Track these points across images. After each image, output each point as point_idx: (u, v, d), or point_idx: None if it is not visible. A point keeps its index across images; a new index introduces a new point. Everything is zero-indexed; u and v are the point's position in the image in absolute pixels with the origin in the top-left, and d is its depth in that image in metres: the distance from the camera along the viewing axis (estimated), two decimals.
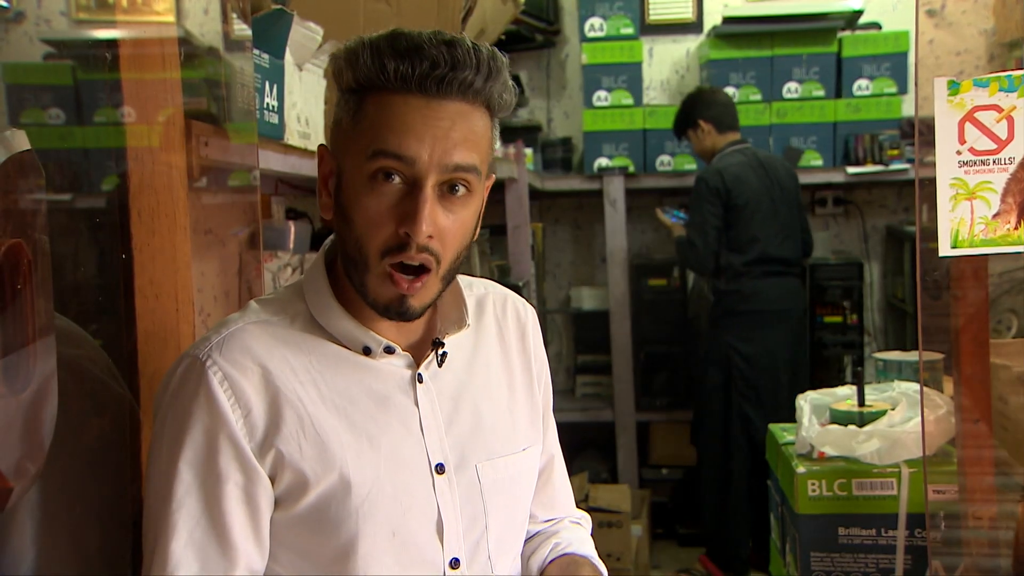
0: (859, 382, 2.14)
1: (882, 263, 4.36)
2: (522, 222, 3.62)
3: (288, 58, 1.64)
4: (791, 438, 2.14)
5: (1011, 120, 1.41)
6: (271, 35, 1.60)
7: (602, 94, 4.04)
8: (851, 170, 3.88)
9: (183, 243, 1.32)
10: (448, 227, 0.99)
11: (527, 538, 1.24)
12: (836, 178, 3.96)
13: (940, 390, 2.05)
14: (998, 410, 1.64)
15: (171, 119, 1.31)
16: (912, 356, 2.42)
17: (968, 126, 1.42)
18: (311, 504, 1.01)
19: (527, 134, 4.04)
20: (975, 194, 1.42)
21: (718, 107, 3.59)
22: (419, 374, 1.07)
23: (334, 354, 1.05)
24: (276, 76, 1.60)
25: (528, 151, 3.83)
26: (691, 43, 4.33)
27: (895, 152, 3.83)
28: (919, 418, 1.79)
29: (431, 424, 1.07)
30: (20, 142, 0.95)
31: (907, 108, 3.96)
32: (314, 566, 1.03)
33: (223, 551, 0.98)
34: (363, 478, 1.01)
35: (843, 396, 2.21)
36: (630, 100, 4.04)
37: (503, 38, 2.73)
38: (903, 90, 3.94)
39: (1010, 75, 1.40)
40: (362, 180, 0.98)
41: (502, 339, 1.18)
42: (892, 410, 2.07)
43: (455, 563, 1.07)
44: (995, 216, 1.42)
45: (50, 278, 0.99)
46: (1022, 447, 1.68)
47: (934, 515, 1.69)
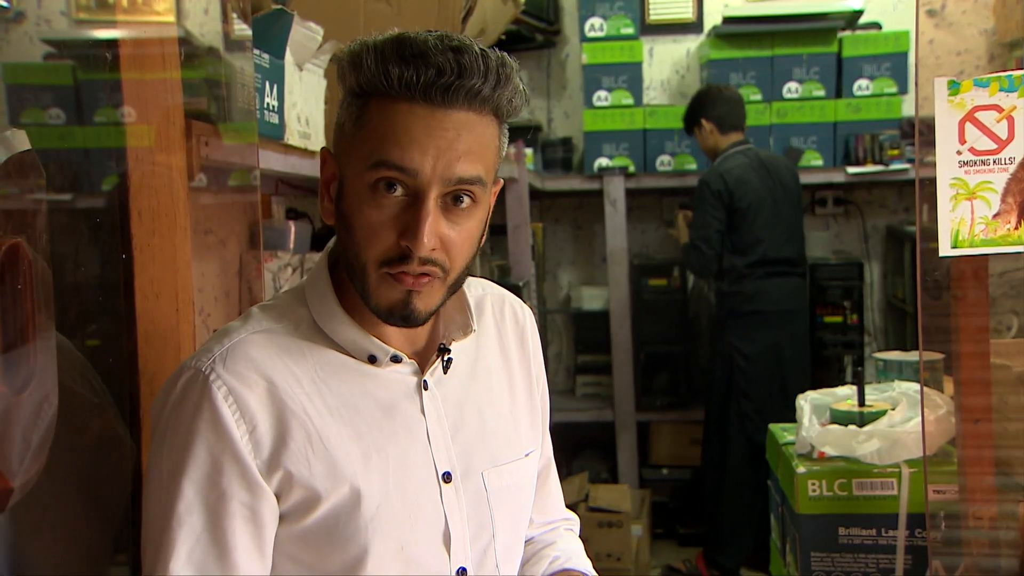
0: (859, 382, 2.14)
1: (882, 263, 4.36)
2: (522, 222, 3.62)
3: (288, 58, 1.64)
4: (791, 438, 2.14)
5: (1011, 120, 1.41)
6: (271, 35, 1.60)
7: (602, 94, 4.04)
8: (851, 170, 3.88)
9: (183, 243, 1.32)
10: (453, 239, 0.96)
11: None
12: (836, 178, 3.96)
13: (940, 390, 2.05)
14: (998, 410, 1.64)
15: (171, 119, 1.31)
16: (912, 356, 2.42)
17: (968, 126, 1.42)
18: (319, 519, 0.98)
19: (527, 134, 4.04)
20: (975, 194, 1.42)
21: (722, 107, 3.59)
22: (424, 381, 1.05)
23: (338, 362, 1.02)
24: (276, 76, 1.60)
25: (528, 151, 3.83)
26: (691, 43, 4.33)
27: (895, 152, 3.83)
28: (919, 418, 1.79)
29: (437, 432, 1.05)
30: (20, 142, 0.95)
31: (907, 108, 3.95)
32: None
33: (223, 568, 0.95)
34: (372, 490, 0.99)
35: (843, 396, 2.21)
36: (630, 100, 4.04)
37: (503, 38, 2.73)
38: (903, 90, 3.94)
39: (1010, 75, 1.40)
40: (363, 188, 0.95)
41: (501, 342, 1.16)
42: (892, 410, 2.07)
43: (462, 572, 1.05)
44: (995, 216, 1.42)
45: (50, 278, 0.99)
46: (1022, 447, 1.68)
47: (934, 515, 1.69)
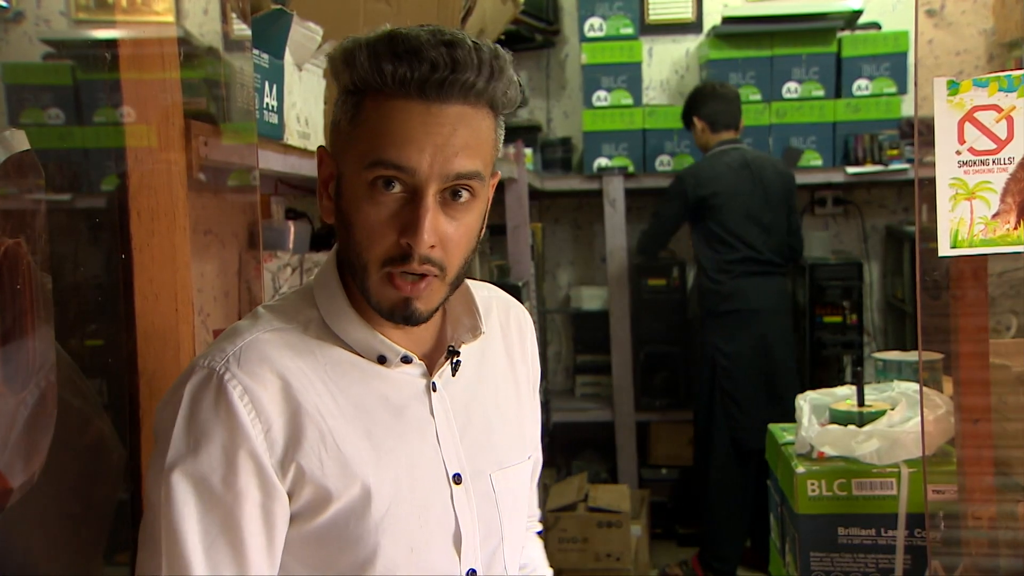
0: (859, 382, 2.14)
1: (882, 263, 4.36)
2: (522, 222, 3.62)
3: (288, 58, 1.64)
4: (791, 438, 2.14)
5: (1010, 120, 1.41)
6: (271, 35, 1.60)
7: (602, 94, 4.04)
8: (851, 170, 3.88)
9: (183, 243, 1.32)
10: (451, 234, 0.96)
11: None
12: (836, 178, 3.96)
13: (940, 390, 2.05)
14: (997, 410, 1.64)
15: (171, 119, 1.31)
16: (912, 356, 2.42)
17: (968, 126, 1.42)
18: (330, 519, 0.98)
19: (527, 134, 4.04)
20: (975, 194, 1.42)
21: (714, 106, 3.60)
22: (433, 383, 1.05)
23: (348, 362, 1.01)
24: (276, 76, 1.60)
25: (528, 151, 3.83)
26: (691, 43, 4.33)
27: (895, 152, 3.83)
28: (919, 418, 1.79)
29: (447, 434, 1.05)
30: (19, 142, 0.95)
31: (907, 108, 3.95)
32: None
33: (237, 569, 0.95)
34: (383, 491, 0.99)
35: (843, 396, 2.21)
36: (630, 100, 4.04)
37: (503, 38, 2.73)
38: (903, 90, 3.94)
39: (1009, 75, 1.41)
40: (361, 187, 0.95)
41: (507, 346, 1.17)
42: (892, 410, 2.07)
43: (472, 574, 1.05)
44: (995, 216, 1.42)
45: (49, 278, 0.99)
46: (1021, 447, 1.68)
47: (934, 515, 1.69)
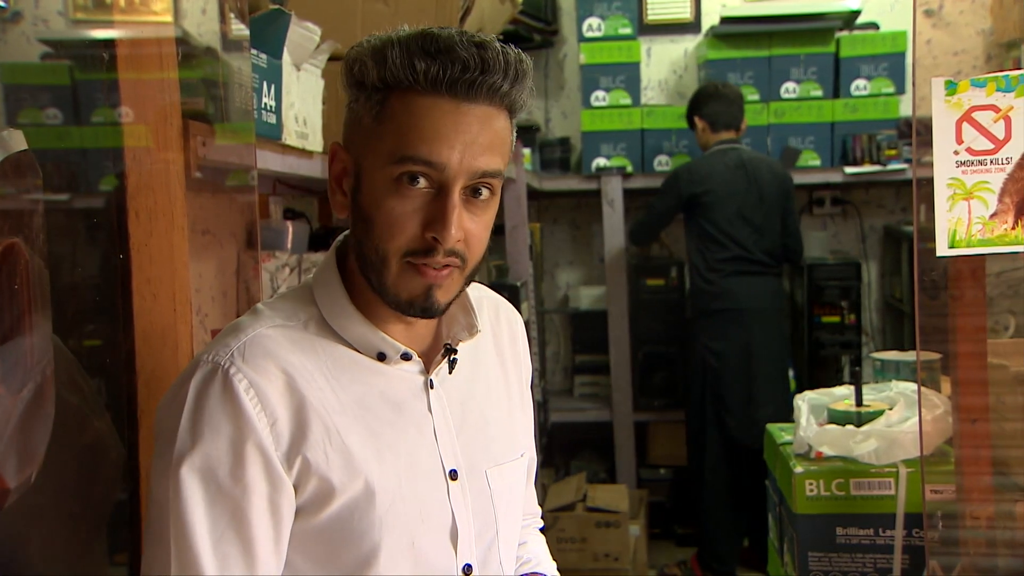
0: (857, 382, 2.14)
1: (880, 263, 4.36)
2: (520, 222, 3.62)
3: (286, 58, 1.64)
4: (789, 438, 2.14)
5: (1008, 120, 1.41)
6: (269, 35, 1.59)
7: (600, 94, 4.04)
8: (849, 170, 3.88)
9: (181, 243, 1.32)
10: (473, 230, 0.98)
11: None
12: (834, 178, 3.96)
13: (938, 390, 2.05)
14: (995, 410, 1.64)
15: (168, 119, 1.31)
16: (910, 356, 2.42)
17: (965, 126, 1.42)
18: (334, 513, 0.99)
19: (525, 134, 4.04)
20: (972, 194, 1.42)
21: (715, 106, 3.60)
22: (431, 380, 1.06)
23: (348, 359, 1.03)
24: (274, 76, 1.60)
25: (526, 151, 3.83)
26: (689, 43, 4.33)
27: (893, 152, 3.83)
28: (917, 418, 1.79)
29: (444, 430, 1.06)
30: (17, 142, 0.95)
31: (905, 108, 3.96)
32: (331, 574, 1.01)
33: (246, 563, 0.95)
34: (386, 486, 1.00)
35: (841, 396, 2.21)
36: (628, 100, 4.04)
37: (501, 38, 2.73)
38: (901, 90, 3.94)
39: (1007, 75, 1.41)
40: (386, 182, 0.96)
41: (497, 345, 1.18)
42: (890, 410, 2.08)
43: (468, 569, 1.06)
44: (992, 216, 1.42)
45: (47, 278, 0.99)
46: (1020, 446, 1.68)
47: (931, 515, 1.69)
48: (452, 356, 1.08)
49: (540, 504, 1.36)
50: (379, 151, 0.97)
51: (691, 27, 4.30)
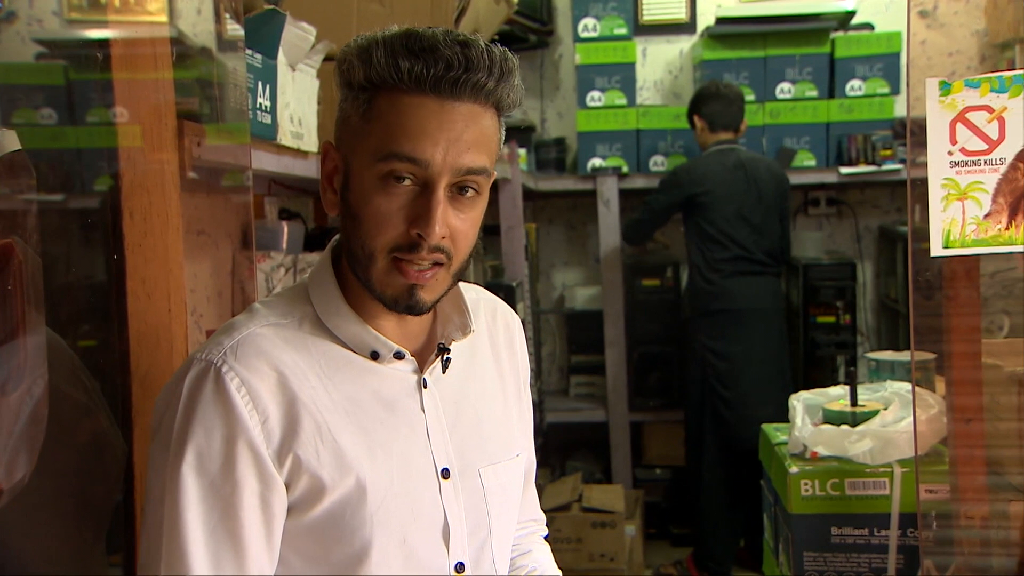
0: (852, 382, 2.14)
1: (875, 263, 4.37)
2: (516, 222, 3.62)
3: (281, 58, 1.64)
4: (784, 438, 2.14)
5: (1002, 121, 1.41)
6: (264, 35, 1.59)
7: (596, 94, 4.04)
8: (844, 170, 3.89)
9: (175, 243, 1.32)
10: (459, 227, 0.99)
11: None
12: (829, 178, 3.96)
13: (932, 390, 2.06)
14: (990, 410, 1.65)
15: (163, 119, 1.30)
16: (905, 356, 2.43)
17: (960, 126, 1.42)
18: (326, 511, 0.99)
19: (521, 134, 4.04)
20: (967, 194, 1.42)
21: (714, 106, 3.60)
22: (424, 379, 1.07)
23: (341, 357, 1.03)
24: (269, 76, 1.60)
25: (522, 151, 3.83)
26: (684, 43, 4.34)
27: (888, 152, 3.84)
28: (911, 418, 1.80)
29: (436, 429, 1.07)
30: (10, 142, 0.95)
31: (900, 109, 3.96)
32: (323, 572, 1.02)
33: (237, 559, 0.96)
34: (377, 484, 1.01)
35: (836, 396, 2.22)
36: (624, 100, 4.04)
37: (496, 38, 2.73)
38: (896, 91, 3.95)
39: (1001, 76, 1.41)
40: (372, 180, 0.97)
41: (493, 346, 1.19)
42: (885, 410, 2.08)
43: (460, 567, 1.07)
44: (986, 216, 1.42)
45: (41, 279, 0.99)
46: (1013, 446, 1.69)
47: (926, 515, 1.69)
48: (446, 356, 1.09)
49: None
50: (366, 149, 0.98)
51: (686, 27, 4.30)
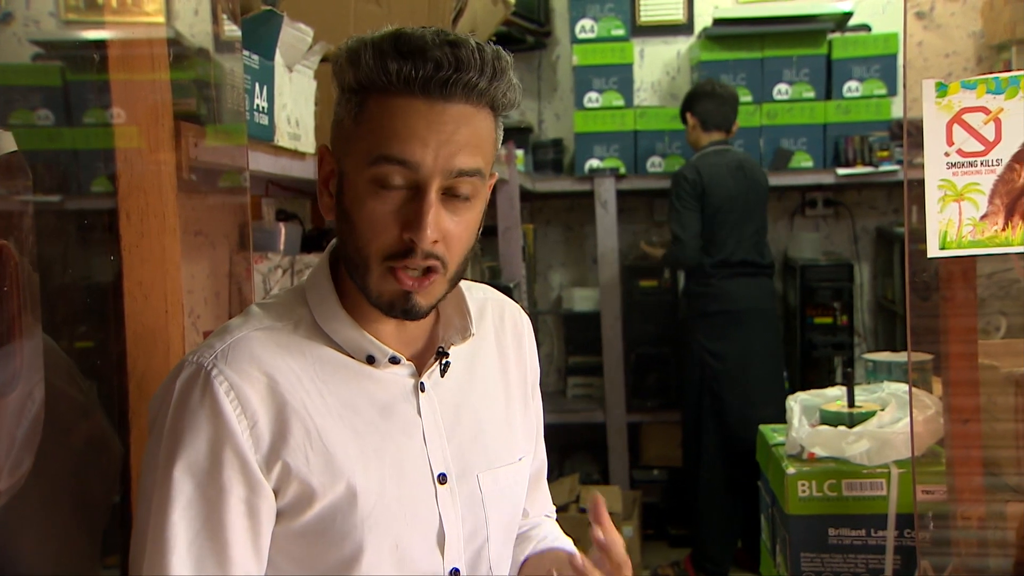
0: (849, 383, 2.14)
1: (872, 264, 4.37)
2: (513, 223, 3.62)
3: (278, 59, 1.63)
4: (781, 439, 2.14)
5: (998, 122, 1.41)
6: (261, 36, 1.59)
7: (593, 95, 4.04)
8: (841, 171, 3.89)
9: (172, 244, 1.32)
10: (452, 231, 0.97)
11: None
12: (826, 179, 3.97)
13: (929, 391, 2.06)
14: (986, 410, 1.65)
15: (160, 120, 1.30)
16: (902, 357, 2.43)
17: (956, 128, 1.42)
18: (316, 516, 0.99)
19: (518, 135, 4.04)
20: (963, 195, 1.43)
21: (708, 105, 3.60)
22: (421, 383, 1.06)
23: (337, 361, 1.02)
24: (266, 77, 1.60)
25: (519, 152, 3.83)
26: (682, 45, 4.34)
27: (885, 153, 3.84)
28: (908, 419, 1.80)
29: (433, 434, 1.06)
30: (7, 144, 0.95)
31: (897, 110, 3.97)
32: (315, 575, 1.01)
33: (221, 565, 0.96)
34: (369, 489, 1.00)
35: (833, 397, 2.22)
36: (621, 101, 4.05)
37: (494, 39, 2.73)
38: (893, 92, 3.95)
39: (997, 77, 1.41)
40: (364, 183, 0.96)
41: (500, 347, 1.17)
42: (882, 411, 2.08)
43: (455, 572, 1.06)
44: (983, 217, 1.43)
45: (37, 280, 0.99)
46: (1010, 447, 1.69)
47: (923, 515, 1.70)
48: (444, 360, 1.08)
49: None
50: (358, 152, 0.97)
51: (684, 29, 4.30)
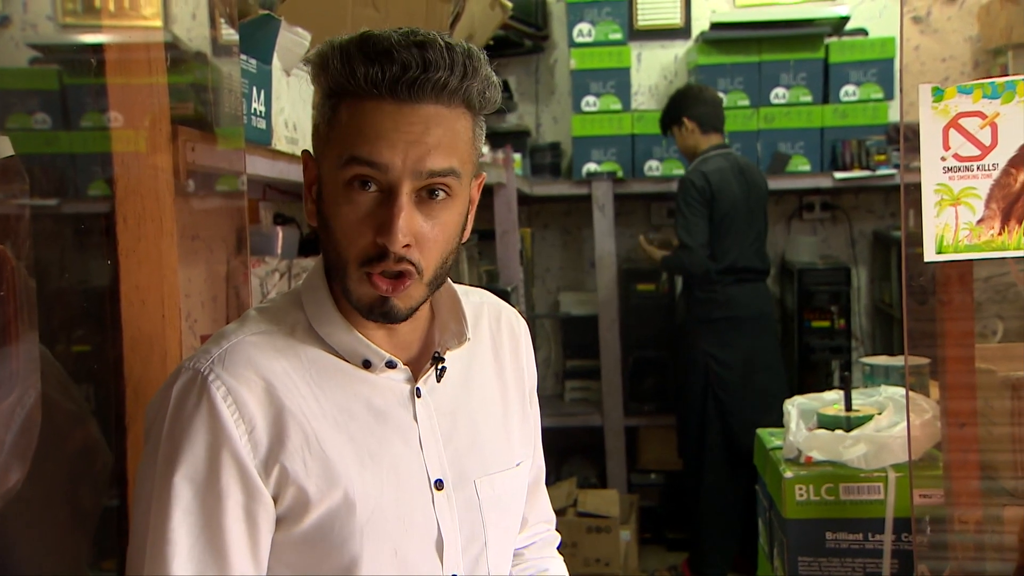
0: (846, 387, 2.15)
1: (869, 268, 4.38)
2: (511, 227, 3.62)
3: (276, 63, 1.63)
4: (779, 443, 2.14)
5: (995, 126, 1.42)
6: (259, 40, 1.59)
7: (590, 99, 4.05)
8: (838, 175, 3.90)
9: (170, 248, 1.32)
10: (427, 233, 0.96)
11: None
12: (823, 183, 3.97)
13: (926, 395, 2.06)
14: (983, 414, 1.65)
15: (158, 124, 1.30)
16: (899, 361, 2.43)
17: (952, 132, 1.43)
18: (314, 523, 0.98)
19: (516, 139, 4.04)
20: (960, 200, 1.43)
21: (704, 107, 3.59)
22: (417, 388, 1.05)
23: (332, 366, 1.02)
24: (264, 81, 1.60)
25: (517, 156, 3.83)
26: (679, 48, 4.35)
27: (882, 157, 3.85)
28: (905, 423, 1.80)
29: (430, 439, 1.05)
30: (4, 147, 0.95)
31: (893, 114, 3.97)
32: None
33: (220, 570, 0.95)
34: (367, 495, 0.99)
35: (830, 401, 2.22)
36: (618, 105, 4.05)
37: (491, 43, 2.74)
38: (890, 96, 3.96)
39: (993, 82, 1.42)
40: (338, 188, 0.96)
41: (496, 352, 1.16)
42: (879, 415, 2.08)
43: None
44: (979, 222, 1.43)
45: (34, 284, 0.99)
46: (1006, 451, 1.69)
47: (920, 519, 1.70)
48: (440, 364, 1.07)
49: None
50: (332, 156, 0.97)
51: (681, 33, 4.31)
